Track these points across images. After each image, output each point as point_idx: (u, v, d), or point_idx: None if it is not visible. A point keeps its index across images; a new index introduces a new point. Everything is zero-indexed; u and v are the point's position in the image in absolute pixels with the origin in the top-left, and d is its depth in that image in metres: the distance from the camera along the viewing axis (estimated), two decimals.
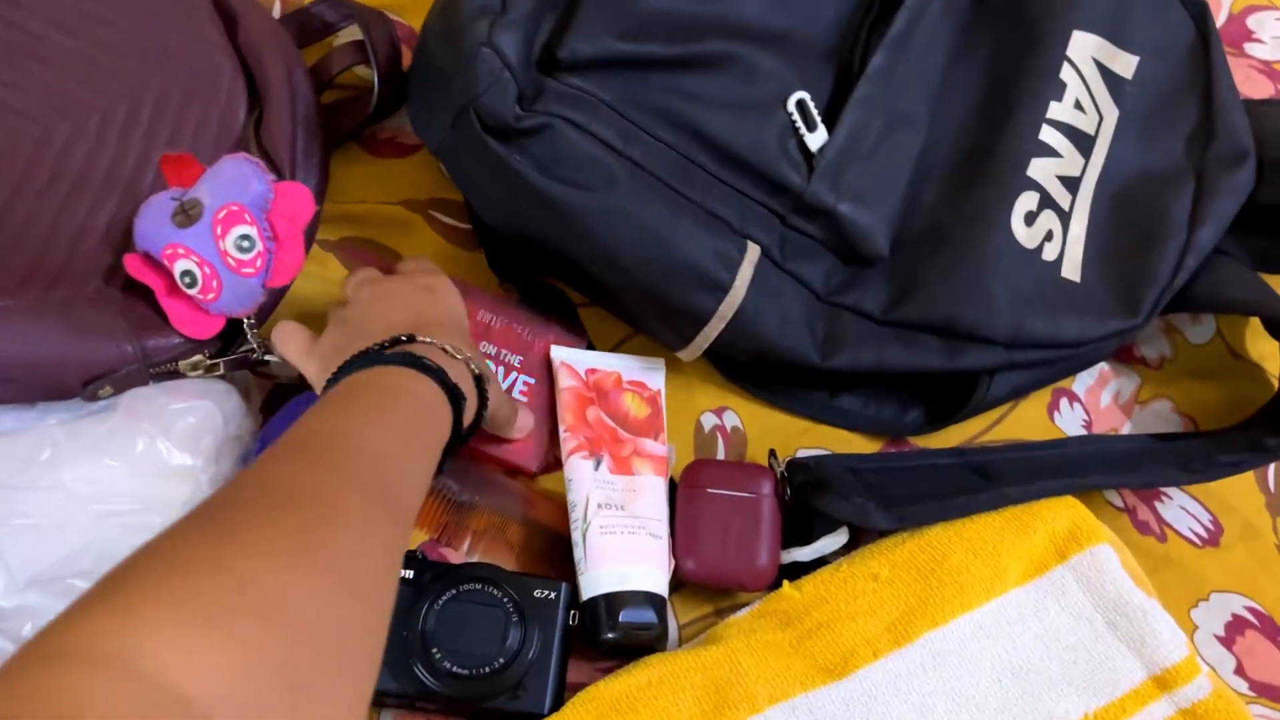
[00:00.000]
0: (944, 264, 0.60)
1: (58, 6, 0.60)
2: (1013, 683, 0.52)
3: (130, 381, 0.54)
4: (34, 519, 0.45)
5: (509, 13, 0.55)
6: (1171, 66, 0.66)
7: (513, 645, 0.52)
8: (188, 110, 0.60)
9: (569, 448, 0.58)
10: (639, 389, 0.60)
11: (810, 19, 0.63)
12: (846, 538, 0.57)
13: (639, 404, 0.60)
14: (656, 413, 0.60)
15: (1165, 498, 0.62)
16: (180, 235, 0.54)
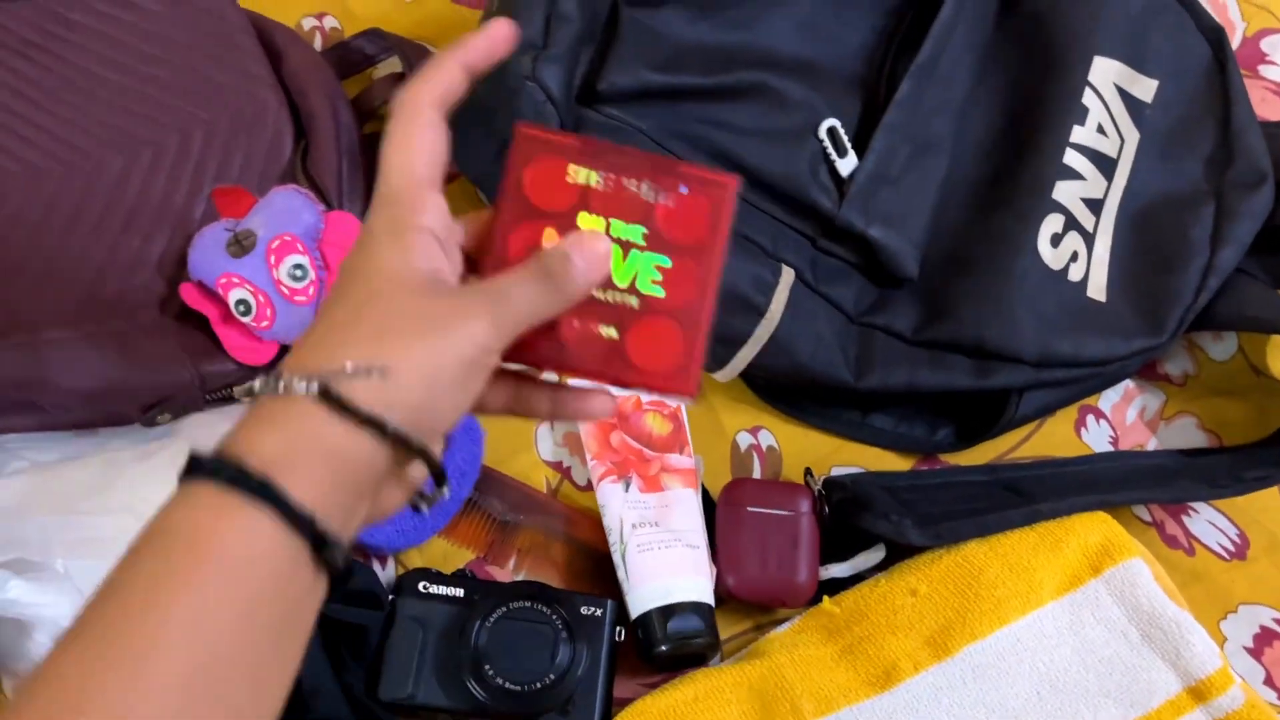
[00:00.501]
0: (972, 286, 0.62)
1: (110, 45, 0.62)
2: (1051, 695, 0.53)
3: (187, 408, 0.55)
4: (106, 542, 0.47)
5: (551, 48, 0.57)
6: (1190, 90, 0.68)
7: (563, 662, 0.53)
8: (236, 143, 0.62)
9: (597, 474, 0.59)
10: (659, 408, 0.62)
11: (836, 49, 0.65)
12: (883, 554, 0.58)
13: (660, 422, 0.61)
14: (679, 428, 0.61)
15: (1192, 512, 0.63)
16: (235, 265, 0.55)
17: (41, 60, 0.61)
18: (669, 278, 0.39)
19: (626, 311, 0.39)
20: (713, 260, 0.40)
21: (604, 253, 0.38)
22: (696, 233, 0.39)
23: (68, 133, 0.60)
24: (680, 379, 0.39)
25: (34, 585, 0.49)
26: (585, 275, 0.37)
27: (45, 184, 0.58)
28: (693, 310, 0.39)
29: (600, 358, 0.39)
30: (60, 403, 0.53)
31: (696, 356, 0.39)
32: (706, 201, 0.39)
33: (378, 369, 0.33)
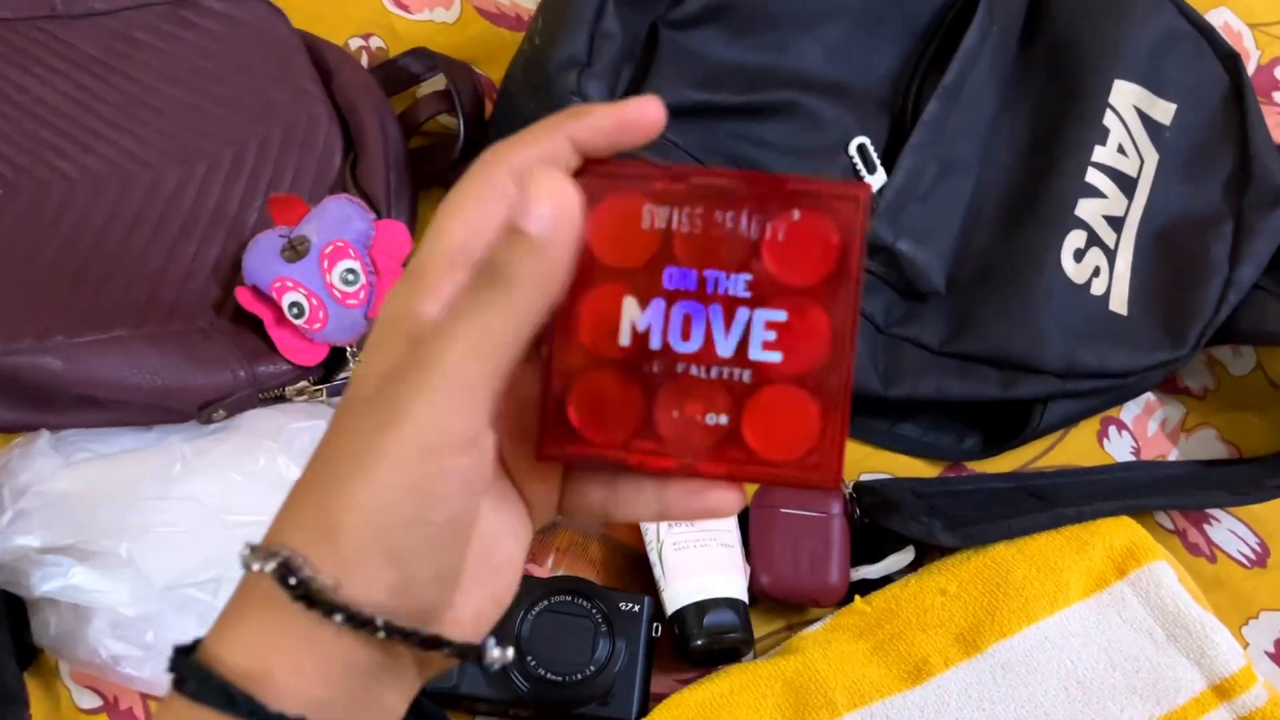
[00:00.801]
0: (998, 299, 0.64)
1: (170, 63, 0.65)
2: (1079, 691, 0.54)
3: (241, 406, 0.57)
4: (169, 527, 0.49)
5: (594, 65, 0.60)
6: (1208, 113, 0.70)
7: (602, 654, 0.54)
8: (288, 155, 0.64)
9: None
10: None
11: (866, 72, 0.67)
12: (913, 556, 0.60)
13: None
14: None
15: (1214, 521, 0.65)
16: (289, 269, 0.58)
17: (106, 76, 0.64)
18: (787, 336, 0.30)
19: (737, 389, 0.30)
20: (845, 301, 0.30)
21: (565, 198, 0.27)
22: (819, 268, 0.30)
23: (130, 144, 0.62)
24: (817, 466, 0.30)
25: (96, 572, 0.51)
26: (548, 247, 0.27)
27: (107, 192, 0.61)
28: (824, 372, 0.30)
29: (709, 451, 0.31)
30: (122, 399, 0.56)
31: (834, 434, 0.30)
32: (830, 225, 0.30)
33: (325, 529, 0.27)
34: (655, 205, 0.30)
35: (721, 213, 0.30)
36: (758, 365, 0.30)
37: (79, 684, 0.56)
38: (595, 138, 0.29)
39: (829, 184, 0.30)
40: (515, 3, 0.76)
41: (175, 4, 0.67)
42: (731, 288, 0.30)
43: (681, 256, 0.30)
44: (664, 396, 0.31)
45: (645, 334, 0.31)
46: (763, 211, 0.30)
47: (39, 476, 0.50)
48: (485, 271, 0.27)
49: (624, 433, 0.31)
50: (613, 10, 0.61)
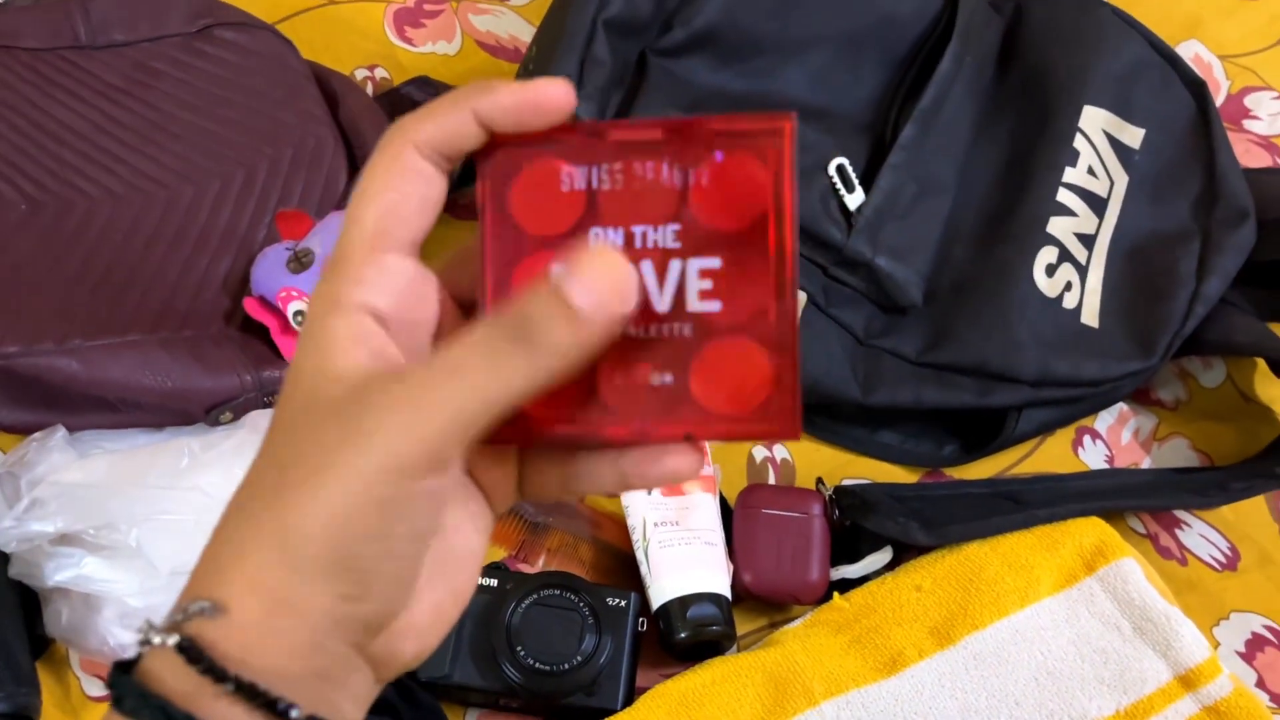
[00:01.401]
0: (973, 312, 0.66)
1: (186, 90, 0.69)
2: (1049, 681, 0.56)
3: (247, 409, 0.60)
4: (176, 515, 0.52)
5: (584, 88, 0.63)
6: (1175, 138, 0.73)
7: (588, 646, 0.57)
8: (296, 176, 0.68)
9: None
10: None
11: (847, 98, 0.71)
12: (890, 556, 0.62)
13: None
14: None
15: (1185, 526, 0.67)
16: (294, 280, 0.61)
17: (127, 103, 0.68)
18: (724, 283, 0.29)
19: (680, 345, 0.29)
20: (780, 240, 0.28)
21: (621, 278, 0.27)
22: (749, 209, 0.28)
23: (147, 166, 0.66)
24: (774, 414, 0.29)
25: (106, 563, 0.54)
26: (591, 324, 0.26)
27: (126, 210, 0.64)
28: (768, 315, 0.28)
29: (660, 414, 0.29)
30: (134, 401, 0.59)
31: (788, 379, 0.29)
32: (754, 160, 0.28)
33: (208, 605, 0.27)
34: (573, 166, 0.29)
35: (641, 164, 0.29)
36: (697, 317, 0.29)
37: (88, 673, 0.59)
38: (499, 114, 0.29)
39: (750, 119, 0.28)
40: (513, 35, 0.80)
41: (192, 36, 0.71)
42: (661, 240, 0.29)
43: (606, 215, 0.29)
44: (606, 363, 0.29)
45: None
46: (684, 158, 0.28)
47: (54, 468, 0.53)
48: (515, 324, 0.26)
49: (570, 405, 0.29)
50: (603, 38, 0.64)
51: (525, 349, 0.26)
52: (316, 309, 0.29)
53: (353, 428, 0.26)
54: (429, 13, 0.80)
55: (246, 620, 0.27)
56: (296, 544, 0.27)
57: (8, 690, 0.52)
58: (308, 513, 0.26)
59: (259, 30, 0.72)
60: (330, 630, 0.27)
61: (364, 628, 0.28)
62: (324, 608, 0.27)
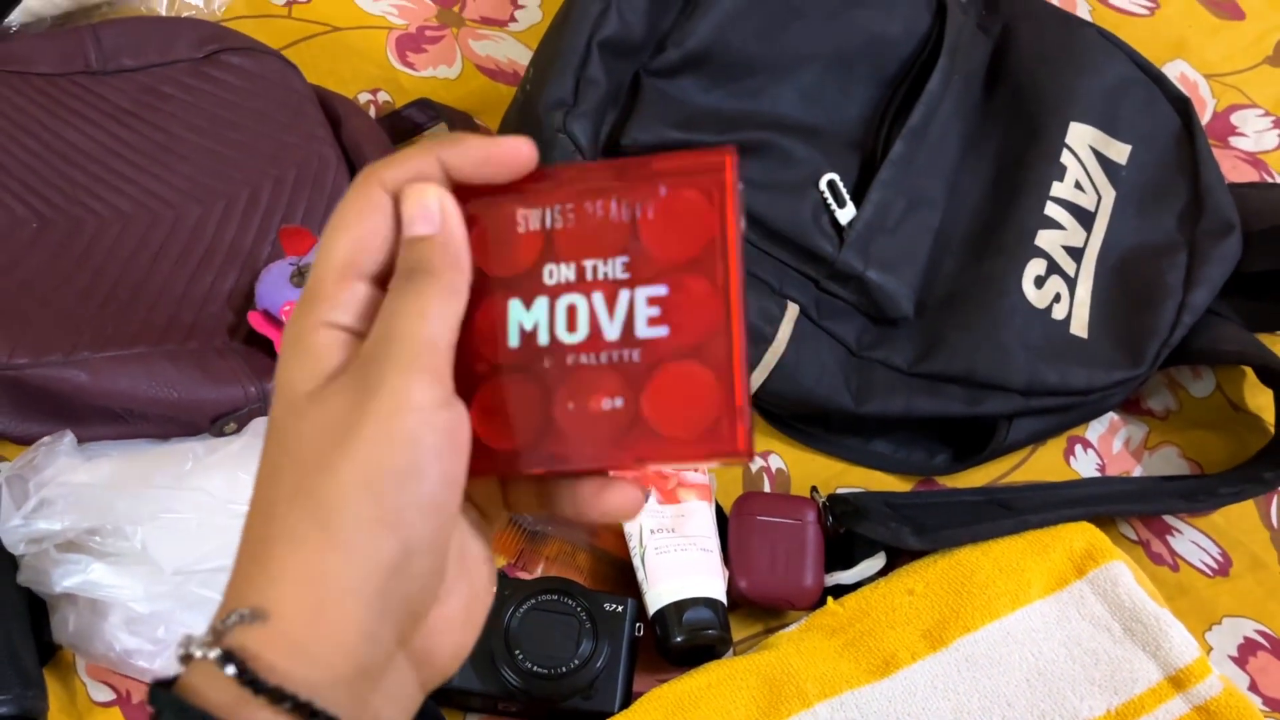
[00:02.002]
0: (963, 322, 0.68)
1: (193, 113, 0.71)
2: (1040, 683, 0.57)
3: (250, 419, 0.61)
4: (179, 515, 0.53)
5: (580, 106, 0.65)
6: (1161, 153, 0.75)
7: (585, 650, 0.57)
8: (299, 195, 0.69)
9: None
10: None
11: (838, 117, 0.73)
12: (884, 562, 0.63)
13: None
14: None
15: (1176, 532, 0.68)
16: (297, 294, 0.62)
17: (135, 126, 0.69)
18: (671, 309, 0.30)
19: (629, 370, 0.30)
20: (726, 264, 0.29)
21: (424, 200, 0.31)
22: (696, 239, 0.30)
23: (155, 186, 0.68)
24: (724, 436, 0.29)
25: (112, 568, 0.55)
26: (453, 235, 0.31)
27: (134, 228, 0.66)
28: (714, 340, 0.29)
29: (613, 439, 0.30)
30: (140, 412, 0.60)
31: (738, 399, 0.29)
32: (698, 195, 0.30)
33: (248, 612, 0.28)
34: (528, 209, 0.31)
35: (592, 203, 0.31)
36: (645, 343, 0.30)
37: (94, 679, 0.60)
38: (464, 164, 0.31)
39: (693, 155, 0.30)
40: (512, 60, 0.82)
41: (199, 61, 0.73)
42: (610, 272, 0.30)
43: (561, 253, 0.31)
44: (560, 391, 0.31)
45: (533, 332, 0.31)
46: (632, 195, 0.30)
47: (61, 470, 0.55)
48: (404, 273, 0.30)
49: (528, 436, 0.31)
50: (598, 59, 0.66)
51: (424, 278, 0.30)
52: (297, 329, 0.31)
53: (356, 392, 0.29)
54: (430, 38, 0.82)
55: (293, 618, 0.28)
56: (335, 509, 0.28)
57: (15, 693, 0.53)
58: (340, 475, 0.28)
59: (264, 55, 0.74)
60: (379, 612, 0.29)
61: (409, 610, 0.30)
62: (373, 585, 0.28)
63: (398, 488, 0.29)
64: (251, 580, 0.29)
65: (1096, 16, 0.85)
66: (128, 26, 0.73)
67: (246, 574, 0.29)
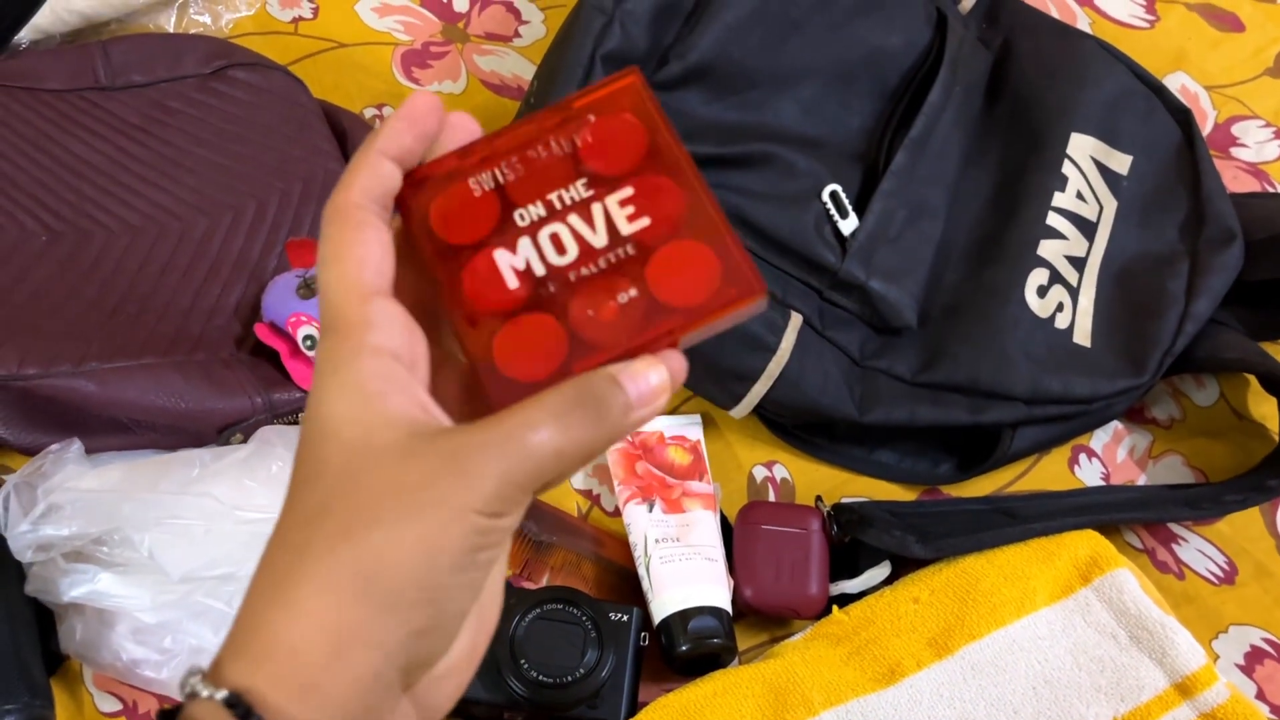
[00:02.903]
0: (966, 332, 0.68)
1: (200, 127, 0.72)
2: (1046, 691, 0.57)
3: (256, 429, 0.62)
4: (186, 520, 0.53)
5: None
6: (1162, 164, 0.75)
7: (590, 660, 0.57)
8: (305, 208, 0.70)
9: (624, 497, 0.65)
10: (680, 441, 0.68)
11: (839, 129, 0.73)
12: (889, 571, 0.63)
13: (682, 453, 0.67)
14: (699, 459, 0.67)
15: (1181, 541, 0.68)
16: (304, 305, 0.63)
17: (144, 140, 0.70)
18: (643, 202, 0.33)
19: (629, 265, 0.33)
20: (671, 154, 0.33)
21: (658, 386, 0.31)
22: (636, 145, 0.33)
23: (163, 199, 0.68)
24: (736, 279, 0.32)
25: (120, 578, 0.55)
26: (638, 410, 0.31)
27: (142, 240, 0.67)
28: (691, 214, 0.33)
29: (638, 325, 0.32)
30: (148, 422, 0.60)
31: (734, 251, 0.32)
32: (625, 112, 0.33)
33: (254, 650, 0.28)
34: (477, 176, 0.33)
35: (533, 150, 0.33)
36: (633, 237, 0.33)
37: (101, 689, 0.60)
38: (400, 140, 0.32)
39: (602, 83, 0.34)
40: (516, 74, 0.82)
41: (207, 77, 0.73)
42: (575, 195, 0.33)
43: (523, 198, 0.33)
44: (574, 306, 0.32)
45: (527, 269, 0.33)
46: (563, 132, 0.33)
47: (69, 477, 0.55)
48: (581, 395, 0.30)
49: (559, 356, 0.32)
50: (601, 72, 0.67)
51: (593, 414, 0.30)
52: (332, 359, 0.30)
53: (449, 468, 0.29)
54: (435, 54, 0.83)
55: (310, 661, 0.28)
56: (383, 578, 0.28)
57: (23, 703, 0.53)
58: (400, 547, 0.28)
59: (271, 71, 0.74)
60: (398, 665, 0.29)
61: (424, 661, 0.30)
62: (396, 640, 0.29)
63: (448, 574, 0.29)
64: (272, 607, 0.29)
65: (1096, 29, 0.86)
66: (136, 43, 0.74)
67: (268, 600, 0.29)
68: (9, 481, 0.57)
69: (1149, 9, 0.87)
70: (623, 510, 0.65)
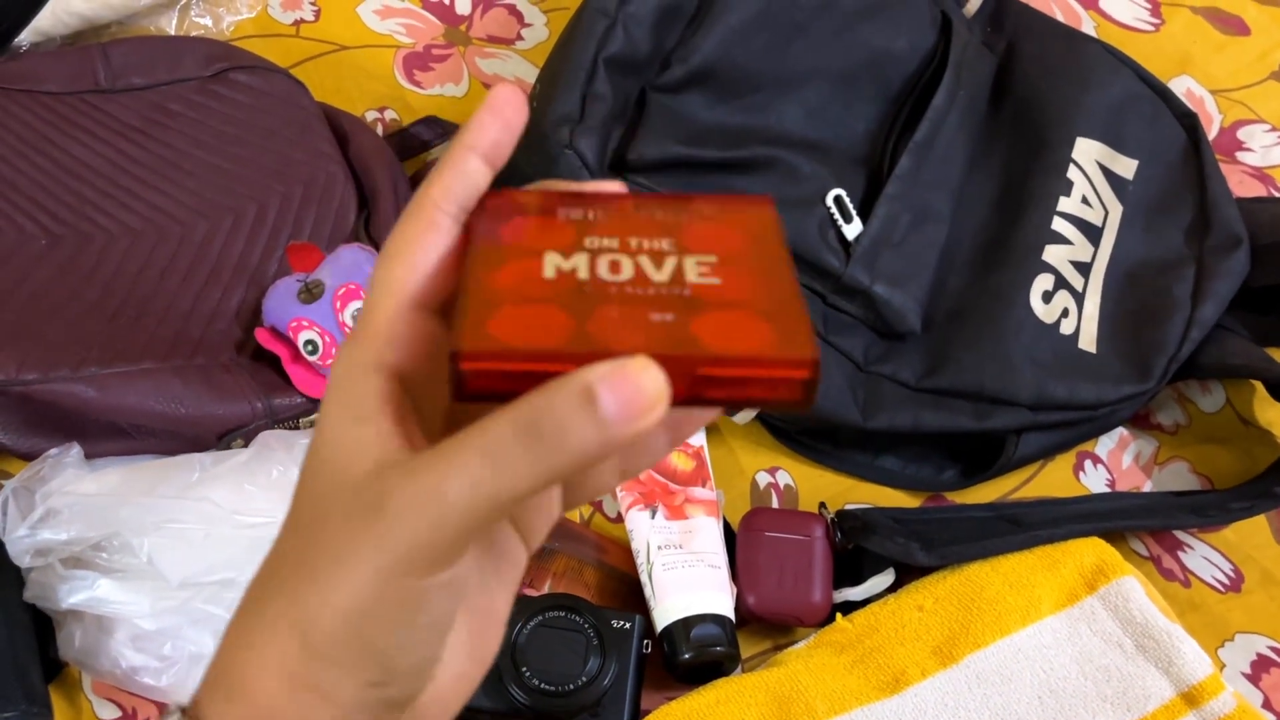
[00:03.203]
0: (970, 337, 0.68)
1: (201, 130, 0.71)
2: (1052, 700, 0.56)
3: (257, 435, 0.61)
4: (185, 525, 0.53)
5: (586, 121, 0.65)
6: (1167, 168, 0.75)
7: (593, 668, 0.57)
8: (306, 211, 0.70)
9: (626, 504, 0.65)
10: (683, 447, 0.67)
11: (843, 133, 0.73)
12: (893, 578, 0.62)
13: (684, 459, 0.67)
14: (701, 465, 0.67)
15: (1187, 548, 0.67)
16: (305, 310, 0.62)
17: (143, 142, 0.70)
18: (722, 269, 0.28)
19: (680, 301, 0.27)
20: (773, 251, 0.29)
21: (652, 390, 0.24)
22: (744, 233, 0.30)
23: (162, 202, 0.68)
24: (789, 348, 0.26)
25: (119, 584, 0.55)
26: (613, 434, 0.24)
27: (142, 244, 0.66)
28: (767, 293, 0.27)
29: (659, 340, 0.26)
30: (147, 427, 0.60)
31: (804, 333, 0.26)
32: (743, 220, 0.30)
33: (296, 624, 0.27)
34: (568, 209, 0.30)
35: (634, 211, 0.30)
36: (697, 286, 0.27)
37: (100, 696, 0.59)
38: (485, 134, 0.29)
39: (733, 198, 0.30)
40: (518, 78, 0.82)
41: (207, 79, 0.73)
42: (655, 245, 0.29)
43: (598, 231, 0.29)
44: (599, 310, 0.27)
45: (571, 270, 0.28)
46: (673, 208, 0.30)
47: (68, 481, 0.54)
48: (527, 419, 0.24)
49: (542, 355, 0.25)
50: (604, 75, 0.66)
51: (533, 447, 0.24)
52: (344, 367, 0.28)
53: (369, 522, 0.26)
54: (437, 56, 0.82)
55: (272, 703, 0.28)
56: (318, 636, 0.27)
57: (20, 709, 0.53)
58: (328, 605, 0.27)
59: (272, 73, 0.74)
60: (357, 711, 0.28)
61: (390, 706, 0.29)
62: (351, 693, 0.28)
63: (382, 635, 0.27)
64: (238, 647, 0.29)
65: (1101, 32, 0.85)
66: (137, 45, 0.74)
67: (237, 638, 0.29)
68: (7, 486, 0.57)
69: (1154, 12, 0.87)
70: (625, 516, 0.64)
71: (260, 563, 0.29)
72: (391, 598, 0.26)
